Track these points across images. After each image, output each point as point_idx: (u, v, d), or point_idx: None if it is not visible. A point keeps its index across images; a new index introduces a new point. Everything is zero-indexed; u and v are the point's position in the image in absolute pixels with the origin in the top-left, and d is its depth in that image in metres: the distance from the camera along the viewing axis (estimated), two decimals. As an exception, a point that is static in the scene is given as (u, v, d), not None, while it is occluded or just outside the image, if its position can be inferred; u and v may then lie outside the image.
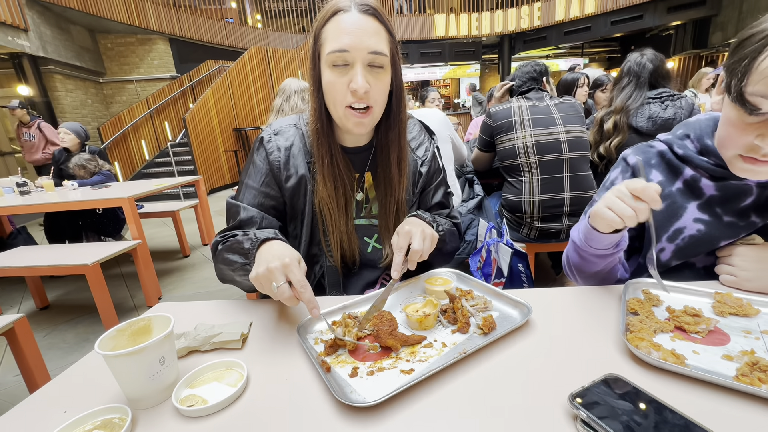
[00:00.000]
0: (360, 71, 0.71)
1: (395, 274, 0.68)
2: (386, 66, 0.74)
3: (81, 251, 2.29)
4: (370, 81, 0.72)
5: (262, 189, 0.84)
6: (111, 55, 8.25)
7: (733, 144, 0.63)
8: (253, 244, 0.68)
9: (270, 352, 0.59)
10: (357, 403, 0.45)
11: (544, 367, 0.51)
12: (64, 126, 3.32)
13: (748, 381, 0.43)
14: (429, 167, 0.94)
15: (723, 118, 0.65)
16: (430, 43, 10.73)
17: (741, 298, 0.61)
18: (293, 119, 0.89)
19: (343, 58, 0.71)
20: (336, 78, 0.72)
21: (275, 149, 0.84)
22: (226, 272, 0.77)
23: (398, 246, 0.70)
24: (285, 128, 0.87)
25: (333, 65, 0.72)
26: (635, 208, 0.60)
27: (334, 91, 0.74)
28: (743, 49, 0.57)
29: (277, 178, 0.84)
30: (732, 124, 0.61)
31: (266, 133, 0.86)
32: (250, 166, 0.86)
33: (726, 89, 0.61)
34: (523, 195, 1.74)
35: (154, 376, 0.48)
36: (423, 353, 0.55)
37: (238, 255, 0.71)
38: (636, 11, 8.83)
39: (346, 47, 0.70)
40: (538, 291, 0.74)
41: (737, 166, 0.64)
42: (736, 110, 0.59)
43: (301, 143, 0.85)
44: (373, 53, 0.71)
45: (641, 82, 1.75)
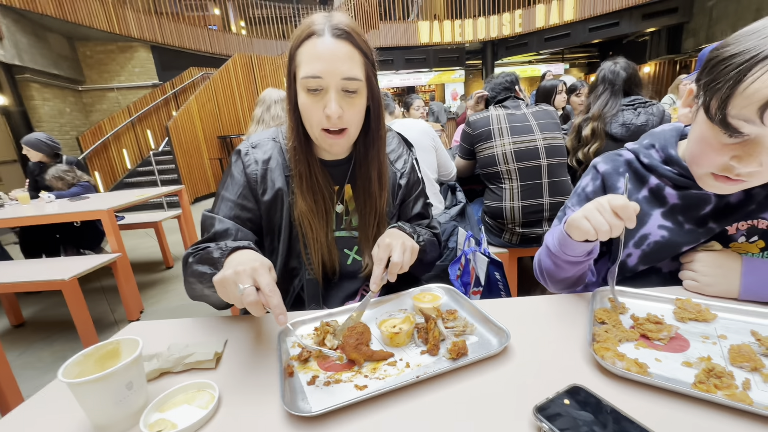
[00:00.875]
0: (333, 97, 0.72)
1: (374, 287, 0.69)
2: (360, 90, 0.75)
3: (58, 266, 2.23)
4: (344, 106, 0.73)
5: (238, 201, 0.83)
6: (90, 63, 8.09)
7: (706, 163, 0.62)
8: (222, 252, 0.66)
9: (245, 371, 0.59)
10: (301, 412, 0.46)
11: (512, 380, 0.52)
12: (23, 142, 3.15)
13: (705, 388, 0.45)
14: (408, 179, 0.96)
15: (696, 135, 0.63)
16: (415, 49, 10.84)
17: (699, 304, 0.63)
18: (272, 132, 0.89)
19: (317, 83, 0.72)
20: (311, 102, 0.73)
21: (252, 162, 0.84)
22: (195, 286, 0.74)
23: (378, 258, 0.70)
24: (263, 142, 0.87)
25: (308, 89, 0.73)
26: (611, 224, 0.60)
27: (309, 114, 0.75)
28: (723, 68, 0.55)
29: (253, 191, 0.84)
30: (707, 143, 0.61)
31: (244, 146, 0.86)
32: (228, 178, 0.85)
33: (704, 109, 0.59)
34: (503, 202, 1.77)
35: (121, 401, 0.47)
36: (384, 371, 0.55)
37: (208, 266, 0.69)
38: (613, 18, 9.10)
39: (319, 74, 0.71)
40: (512, 301, 0.76)
41: (708, 182, 0.65)
42: (713, 130, 0.58)
43: (279, 157, 0.85)
44: (346, 79, 0.72)
45: (616, 90, 1.81)
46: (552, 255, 0.77)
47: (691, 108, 0.66)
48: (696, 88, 0.63)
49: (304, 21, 0.74)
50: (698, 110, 0.62)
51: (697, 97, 0.62)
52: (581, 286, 0.82)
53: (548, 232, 0.83)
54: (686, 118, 0.69)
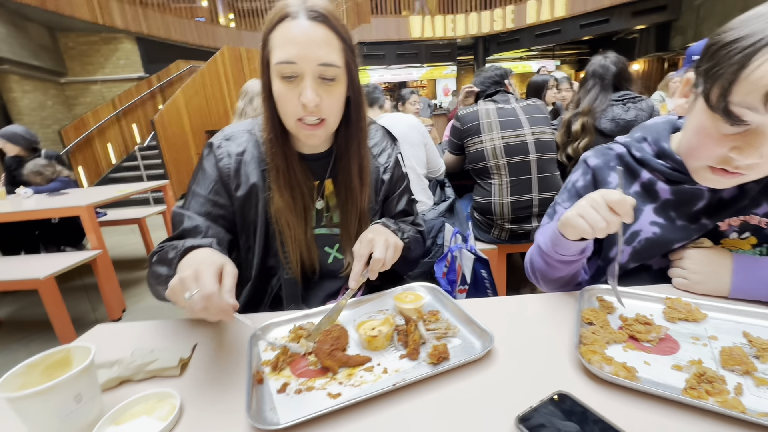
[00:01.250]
0: (310, 84, 0.67)
1: (353, 284, 0.65)
2: (339, 77, 0.70)
3: (34, 264, 2.15)
4: (322, 94, 0.69)
5: (210, 197, 0.78)
6: (73, 54, 7.84)
7: (704, 155, 0.60)
8: (177, 252, 0.61)
9: (212, 378, 0.55)
10: (267, 425, 0.43)
11: (496, 385, 0.49)
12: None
13: (696, 394, 0.43)
14: (392, 174, 0.92)
15: (693, 125, 0.61)
16: (406, 44, 10.76)
17: (690, 303, 0.61)
18: (247, 124, 0.84)
19: (292, 69, 0.67)
20: (285, 90, 0.69)
21: (225, 155, 0.79)
22: (155, 286, 0.70)
23: (359, 254, 0.67)
24: (237, 134, 0.82)
25: (282, 76, 0.68)
26: (608, 221, 0.58)
27: (284, 102, 0.70)
28: (726, 53, 0.52)
29: (226, 186, 0.79)
30: (705, 134, 0.58)
31: (216, 138, 0.82)
32: (199, 172, 0.80)
33: (704, 97, 0.56)
34: (492, 197, 1.74)
35: (68, 416, 0.43)
36: (360, 377, 0.52)
37: (165, 267, 0.65)
38: (603, 15, 9.14)
39: (294, 58, 0.66)
40: (498, 300, 0.73)
41: (704, 176, 0.62)
42: (713, 119, 0.55)
43: (255, 150, 0.81)
44: (323, 65, 0.67)
45: (606, 85, 1.79)
46: (544, 254, 0.74)
47: (687, 98, 0.63)
48: (694, 77, 0.60)
49: (277, 3, 0.69)
50: (696, 100, 0.59)
51: (696, 85, 0.59)
52: (574, 286, 0.79)
53: (539, 231, 0.80)
54: (682, 110, 0.66)
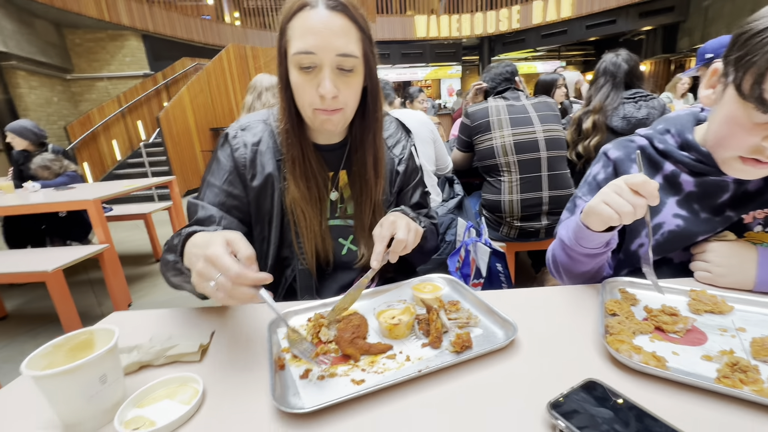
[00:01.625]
0: (328, 75, 0.67)
1: (375, 264, 0.64)
2: (357, 68, 0.70)
3: (42, 257, 2.15)
4: (339, 85, 0.68)
5: (224, 187, 0.78)
6: (79, 51, 7.88)
7: (735, 144, 0.59)
8: (180, 238, 0.62)
9: (232, 364, 0.55)
10: (293, 408, 0.43)
11: (521, 374, 0.49)
12: (8, 129, 3.04)
13: (731, 383, 0.42)
14: (407, 166, 0.92)
15: (724, 115, 0.60)
16: (412, 43, 10.75)
17: (715, 295, 0.60)
18: (263, 114, 0.84)
19: (310, 60, 0.66)
20: (303, 80, 0.68)
21: (241, 146, 0.79)
22: (164, 274, 0.72)
23: (381, 236, 0.66)
24: (253, 124, 0.82)
25: (300, 66, 0.68)
26: (634, 204, 0.56)
27: (302, 93, 0.70)
28: (759, 41, 0.51)
29: (242, 176, 0.79)
30: (737, 123, 0.57)
31: (232, 128, 0.81)
32: (214, 163, 0.80)
33: (736, 86, 0.55)
34: (502, 194, 1.74)
35: (93, 397, 0.43)
36: (382, 364, 0.51)
37: (172, 253, 0.65)
38: (610, 16, 9.10)
39: (312, 49, 0.65)
40: (517, 292, 0.72)
41: (734, 167, 0.61)
42: (745, 108, 0.54)
43: (270, 140, 0.80)
44: (341, 55, 0.66)
45: (617, 82, 1.77)
46: (567, 248, 0.72)
47: (714, 89, 0.62)
48: (723, 66, 0.59)
49: None
50: (726, 89, 0.58)
51: (725, 75, 0.58)
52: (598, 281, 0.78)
53: (561, 225, 0.79)
54: (708, 101, 0.64)
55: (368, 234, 0.83)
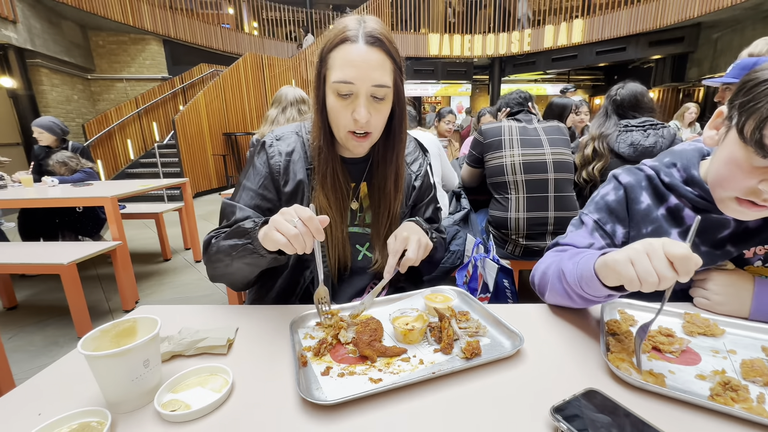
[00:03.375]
0: (363, 103, 0.74)
1: (387, 276, 0.73)
2: (388, 96, 0.78)
3: (56, 250, 2.21)
4: (372, 111, 0.76)
5: (259, 191, 0.85)
6: (102, 52, 8.13)
7: (732, 186, 0.61)
8: (255, 223, 0.70)
9: (256, 358, 0.59)
10: (318, 400, 0.47)
11: (526, 381, 0.52)
12: (36, 124, 3.15)
13: (723, 401, 0.45)
14: (422, 182, 0.98)
15: (724, 156, 0.62)
16: (424, 60, 10.97)
17: (708, 319, 0.64)
18: (295, 127, 0.92)
19: (348, 89, 0.74)
20: (340, 106, 0.76)
21: (276, 154, 0.86)
22: (223, 260, 0.76)
23: (394, 250, 0.75)
24: (287, 135, 0.89)
25: (338, 93, 0.75)
26: (662, 276, 0.47)
27: (337, 116, 0.77)
28: (762, 90, 0.54)
29: (275, 182, 0.85)
30: (736, 165, 0.59)
31: (269, 137, 0.88)
32: (250, 168, 0.87)
33: (738, 130, 0.58)
34: (509, 212, 1.78)
35: (137, 379, 0.47)
36: (397, 366, 0.55)
37: (238, 237, 0.72)
38: (620, 43, 9.25)
39: (352, 80, 0.73)
40: (523, 306, 0.76)
41: (730, 207, 0.63)
42: (745, 151, 0.57)
43: (301, 150, 0.87)
44: (376, 86, 0.74)
45: (609, 112, 1.88)
46: (567, 284, 0.67)
47: (717, 130, 0.66)
48: (728, 109, 0.62)
49: (337, 24, 0.76)
50: (728, 132, 0.62)
51: (730, 118, 0.61)
52: None
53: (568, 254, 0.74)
54: (711, 141, 0.67)
55: (383, 242, 0.89)
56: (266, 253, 0.69)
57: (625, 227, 0.79)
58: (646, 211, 0.77)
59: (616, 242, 0.79)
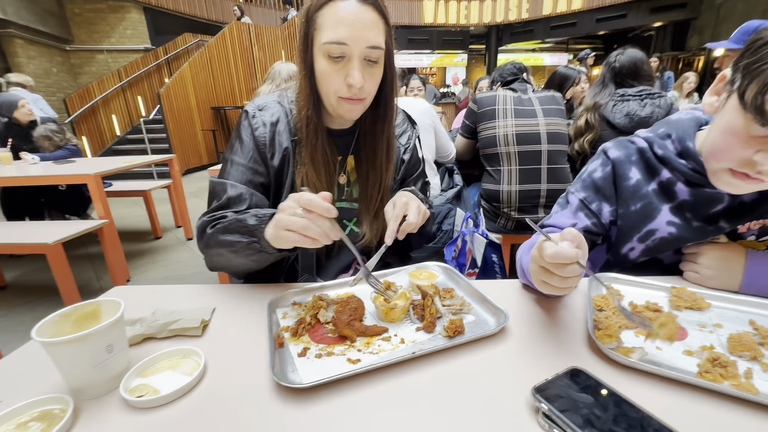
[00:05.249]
0: (357, 66, 0.69)
1: (389, 240, 0.70)
2: (380, 59, 0.73)
3: (42, 229, 2.16)
4: (365, 76, 0.71)
5: (250, 165, 0.79)
6: (79, 21, 7.71)
7: (727, 156, 0.58)
8: (259, 220, 0.66)
9: (232, 340, 0.57)
10: (292, 383, 0.45)
11: (509, 360, 0.51)
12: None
13: (711, 378, 0.44)
14: (411, 156, 0.94)
15: (722, 125, 0.58)
16: (418, 29, 10.57)
17: (695, 292, 0.62)
18: (276, 96, 0.86)
19: (341, 50, 0.68)
20: (331, 69, 0.70)
21: (261, 125, 0.80)
22: (225, 255, 0.72)
23: (394, 215, 0.72)
24: (269, 104, 0.83)
25: (329, 56, 0.69)
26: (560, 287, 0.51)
27: (328, 81, 0.71)
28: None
29: (263, 154, 0.80)
30: (733, 134, 0.56)
31: (250, 107, 0.82)
32: (236, 141, 0.81)
33: (739, 94, 0.54)
34: (501, 185, 1.75)
35: (100, 365, 0.45)
36: (378, 345, 0.54)
37: (241, 234, 0.68)
38: (620, 10, 8.96)
39: (345, 40, 0.67)
40: (510, 282, 0.74)
41: (722, 179, 0.61)
42: (744, 119, 0.53)
43: (285, 120, 0.82)
44: (370, 47, 0.68)
45: (606, 81, 1.81)
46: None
47: (718, 96, 0.61)
48: (731, 72, 0.57)
49: None
50: (729, 97, 0.57)
51: (732, 82, 0.57)
52: None
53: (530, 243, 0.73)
54: (711, 108, 0.63)
55: (372, 216, 0.86)
56: (275, 251, 0.66)
57: (612, 205, 0.77)
58: (635, 187, 0.74)
59: (602, 221, 0.77)
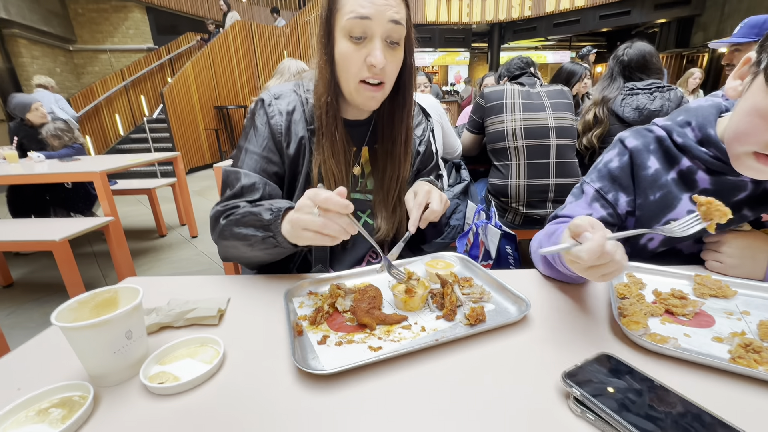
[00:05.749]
0: (379, 45, 0.68)
1: (412, 228, 0.72)
2: (401, 41, 0.72)
3: (48, 227, 2.16)
4: (387, 57, 0.69)
5: (264, 154, 0.78)
6: (82, 21, 7.74)
7: (752, 138, 0.56)
8: (274, 214, 0.64)
9: (249, 329, 0.56)
10: (314, 369, 0.44)
11: (534, 347, 0.50)
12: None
13: (745, 363, 0.43)
14: (426, 148, 0.94)
15: (747, 107, 0.57)
16: (421, 27, 10.52)
17: (720, 280, 0.61)
18: (292, 84, 0.84)
19: (362, 27, 0.67)
20: (352, 51, 0.69)
21: (276, 113, 0.79)
22: (239, 248, 0.72)
23: (417, 203, 0.73)
24: (286, 93, 0.82)
25: (350, 36, 0.68)
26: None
27: (348, 64, 0.70)
28: None
29: (278, 143, 0.79)
30: (759, 115, 0.54)
31: (266, 96, 0.81)
32: (250, 130, 0.80)
33: (766, 74, 0.52)
34: (509, 179, 1.73)
35: (119, 351, 0.44)
36: (398, 333, 0.53)
37: (255, 228, 0.67)
38: (624, 6, 8.88)
39: (369, 14, 0.66)
40: (526, 272, 0.73)
41: (746, 163, 0.59)
42: None
43: (301, 109, 0.81)
44: (393, 22, 0.67)
45: (615, 75, 1.79)
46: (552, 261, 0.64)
47: (742, 80, 0.60)
48: (756, 54, 0.57)
49: None
50: (754, 79, 0.56)
51: (758, 63, 0.56)
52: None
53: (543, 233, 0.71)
54: (734, 92, 0.62)
55: (391, 208, 0.86)
56: (291, 246, 0.65)
57: (629, 195, 0.76)
58: (654, 176, 0.73)
59: (619, 211, 0.76)
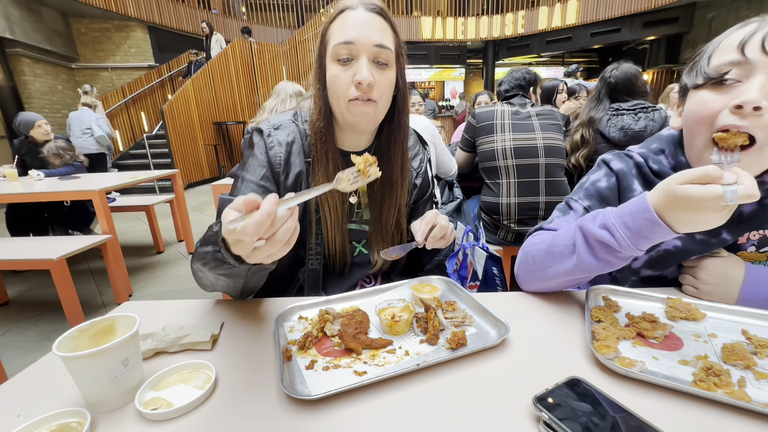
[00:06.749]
0: (365, 63, 0.70)
1: (419, 238, 0.77)
2: (391, 63, 0.74)
3: (46, 245, 2.18)
4: (375, 76, 0.72)
5: (261, 183, 0.79)
6: (85, 40, 7.89)
7: (704, 125, 0.61)
8: (218, 225, 0.56)
9: (241, 354, 0.59)
10: (301, 395, 0.46)
11: (511, 370, 0.52)
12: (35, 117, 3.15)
13: (706, 386, 0.45)
14: (423, 180, 0.95)
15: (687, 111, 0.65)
16: (417, 45, 10.78)
17: (690, 303, 0.64)
18: (290, 114, 0.86)
19: (348, 50, 0.70)
20: (340, 72, 0.72)
21: (276, 144, 0.80)
22: (201, 273, 0.66)
23: (425, 220, 0.78)
24: (285, 123, 0.83)
25: (337, 59, 0.72)
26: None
27: (337, 84, 0.73)
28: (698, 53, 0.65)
29: (275, 174, 0.80)
30: (702, 103, 0.61)
31: (266, 126, 0.82)
32: (249, 159, 0.81)
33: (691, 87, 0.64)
34: (500, 197, 1.78)
35: (116, 378, 0.47)
36: (383, 358, 0.55)
37: (210, 244, 0.59)
38: (614, 24, 9.15)
39: (352, 39, 0.70)
40: (510, 295, 0.76)
41: (708, 157, 0.61)
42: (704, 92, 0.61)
43: (300, 141, 0.82)
44: (378, 46, 0.71)
45: (602, 96, 1.87)
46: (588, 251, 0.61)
47: (678, 109, 0.68)
48: (679, 88, 0.68)
49: (335, 5, 0.75)
50: (684, 99, 0.66)
51: (684, 89, 0.67)
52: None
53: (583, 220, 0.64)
54: (676, 122, 0.70)
55: (386, 239, 0.87)
56: (235, 262, 0.54)
57: None
58: None
59: None
